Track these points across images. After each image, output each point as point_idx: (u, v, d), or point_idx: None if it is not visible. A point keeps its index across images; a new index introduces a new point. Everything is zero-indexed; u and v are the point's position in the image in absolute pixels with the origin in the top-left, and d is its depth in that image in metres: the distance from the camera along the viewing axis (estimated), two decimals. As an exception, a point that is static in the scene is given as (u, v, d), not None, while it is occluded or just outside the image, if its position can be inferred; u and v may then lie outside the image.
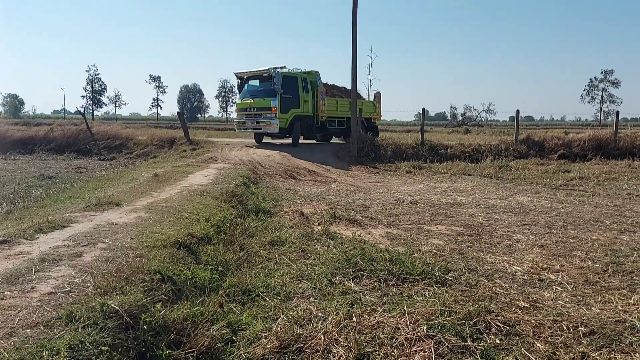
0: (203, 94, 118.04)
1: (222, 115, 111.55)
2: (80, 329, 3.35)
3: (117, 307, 3.67)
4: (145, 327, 3.60)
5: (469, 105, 66.58)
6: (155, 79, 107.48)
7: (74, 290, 4.01)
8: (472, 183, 13.49)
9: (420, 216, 8.82)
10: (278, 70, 19.50)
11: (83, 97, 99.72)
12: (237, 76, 21.06)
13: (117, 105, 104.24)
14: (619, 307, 4.50)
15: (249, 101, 19.97)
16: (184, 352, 3.48)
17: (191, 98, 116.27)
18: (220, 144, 20.26)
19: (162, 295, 4.23)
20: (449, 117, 69.80)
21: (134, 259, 4.85)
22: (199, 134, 26.59)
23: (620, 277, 5.36)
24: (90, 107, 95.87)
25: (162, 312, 3.84)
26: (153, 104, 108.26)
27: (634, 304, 4.55)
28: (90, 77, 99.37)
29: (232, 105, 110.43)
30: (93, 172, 14.99)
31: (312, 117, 20.84)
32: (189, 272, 4.78)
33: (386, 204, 10.07)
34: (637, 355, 3.59)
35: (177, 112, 30.86)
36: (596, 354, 3.59)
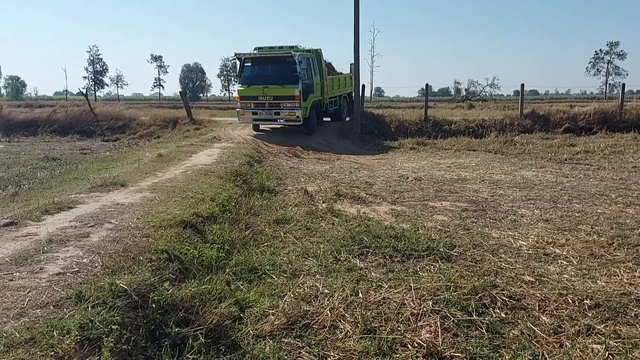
0: (205, 73, 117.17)
1: (225, 94, 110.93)
2: (89, 309, 3.40)
3: (126, 287, 3.71)
4: (154, 305, 3.64)
5: (473, 80, 65.94)
6: (156, 58, 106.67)
7: (83, 271, 4.05)
8: (477, 159, 13.44)
9: (425, 192, 8.81)
10: (297, 52, 16.89)
11: (85, 77, 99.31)
12: (238, 57, 17.46)
13: (119, 85, 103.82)
14: (625, 280, 4.52)
15: (261, 88, 16.73)
16: (192, 329, 3.52)
17: (193, 77, 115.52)
18: (224, 123, 20.21)
19: (170, 274, 4.27)
20: (452, 93, 69.19)
21: (141, 239, 4.89)
22: (201, 113, 26.44)
23: (625, 250, 5.37)
24: (92, 88, 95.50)
25: (170, 290, 3.88)
26: (155, 84, 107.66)
27: (639, 277, 4.56)
28: (91, 58, 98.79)
29: (234, 84, 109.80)
30: (97, 153, 15.01)
31: (321, 101, 18.68)
32: (196, 251, 4.82)
33: (390, 181, 10.06)
34: (642, 327, 3.61)
35: (180, 92, 30.76)
36: (601, 326, 3.61)
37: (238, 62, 17.57)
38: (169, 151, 12.55)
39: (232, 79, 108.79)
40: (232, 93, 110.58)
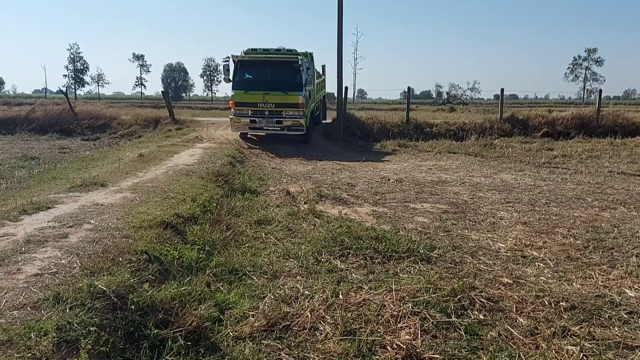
0: (187, 73, 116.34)
1: (207, 94, 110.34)
2: (67, 310, 3.36)
3: (105, 288, 3.67)
4: (133, 307, 3.61)
5: (454, 84, 66.57)
6: (138, 57, 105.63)
7: (61, 272, 4.00)
8: (457, 161, 13.59)
9: (406, 194, 8.88)
10: (296, 55, 15.82)
11: (65, 76, 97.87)
12: (233, 59, 15.83)
13: (100, 84, 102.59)
14: (599, 282, 4.62)
15: (261, 95, 15.47)
16: (172, 331, 3.50)
17: (175, 77, 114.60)
18: (206, 123, 20.11)
19: (150, 276, 4.24)
20: (434, 96, 69.71)
21: (121, 240, 4.84)
22: (184, 113, 26.27)
23: (600, 253, 5.48)
24: (73, 87, 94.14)
25: (150, 292, 3.85)
26: (137, 83, 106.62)
27: (613, 279, 4.66)
28: (71, 56, 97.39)
29: (217, 84, 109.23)
30: (77, 153, 14.80)
31: (313, 107, 18.05)
32: (176, 252, 4.79)
33: (372, 182, 10.12)
34: (616, 328, 3.69)
35: (162, 91, 30.49)
36: (576, 328, 3.68)
37: (232, 65, 15.94)
38: (150, 151, 12.44)
39: (216, 79, 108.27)
40: (215, 93, 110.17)
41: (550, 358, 3.25)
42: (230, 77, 15.81)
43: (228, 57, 15.89)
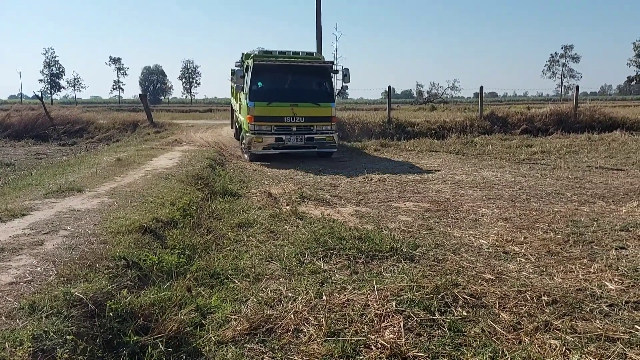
0: (166, 76, 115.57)
1: (186, 96, 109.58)
2: (43, 319, 3.27)
3: (82, 295, 3.58)
4: (111, 314, 3.52)
5: (435, 83, 66.97)
6: (115, 60, 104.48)
7: (36, 280, 3.90)
8: (439, 159, 13.65)
9: (389, 193, 8.88)
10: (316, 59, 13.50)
11: (40, 80, 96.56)
12: (251, 65, 12.99)
13: (76, 88, 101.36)
14: (580, 276, 4.65)
15: (288, 107, 12.95)
16: (152, 337, 3.42)
17: (154, 80, 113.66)
18: (185, 126, 19.95)
19: (128, 282, 4.15)
20: (415, 95, 70.27)
21: (98, 246, 4.74)
22: (162, 116, 26.04)
23: (580, 247, 5.53)
24: (49, 91, 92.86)
25: (129, 298, 3.77)
26: (114, 87, 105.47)
27: (593, 273, 4.70)
28: (47, 60, 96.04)
29: (196, 87, 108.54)
30: (53, 158, 14.55)
31: None
32: (155, 257, 4.70)
33: (354, 182, 10.10)
34: (597, 321, 3.71)
35: (139, 95, 30.17)
36: (558, 321, 3.70)
37: (243, 69, 13.49)
38: (128, 155, 12.27)
39: (194, 81, 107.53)
40: (194, 95, 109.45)
41: (533, 353, 3.25)
42: (246, 84, 13.05)
43: (241, 60, 13.46)
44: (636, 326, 3.61)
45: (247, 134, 12.95)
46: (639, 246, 5.42)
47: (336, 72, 13.48)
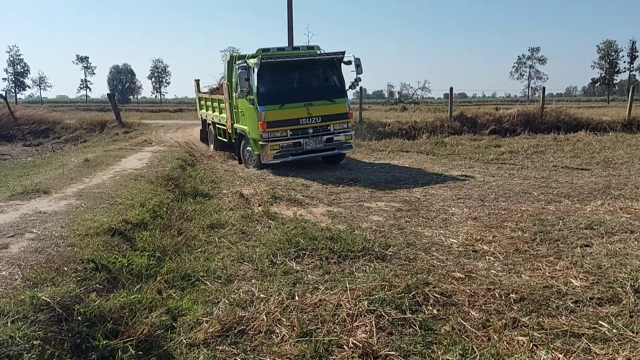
0: (135, 75, 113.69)
1: (156, 96, 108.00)
2: (9, 324, 3.19)
3: (49, 299, 3.51)
4: (79, 318, 3.46)
5: (406, 84, 67.78)
6: (82, 59, 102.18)
7: (1, 284, 3.81)
8: (410, 159, 13.79)
9: (360, 193, 8.93)
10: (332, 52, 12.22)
11: (4, 79, 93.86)
12: (260, 62, 11.26)
13: (42, 87, 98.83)
14: (546, 273, 4.77)
15: (303, 107, 11.58)
16: (122, 341, 3.37)
17: (122, 79, 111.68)
18: (155, 126, 19.67)
19: (97, 285, 4.08)
20: (386, 96, 70.71)
21: (65, 249, 4.64)
22: (131, 116, 25.61)
23: (547, 245, 5.66)
24: (13, 90, 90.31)
25: (97, 301, 3.71)
26: (81, 86, 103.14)
27: (559, 270, 4.82)
28: (11, 59, 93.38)
29: (166, 86, 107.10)
30: (18, 159, 14.16)
31: None
32: (125, 260, 4.63)
33: (326, 182, 10.12)
34: (563, 318, 3.82)
35: (108, 94, 29.62)
36: (526, 318, 3.78)
37: (246, 71, 11.45)
38: (96, 156, 12.04)
39: (164, 80, 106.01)
40: (164, 95, 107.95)
41: (501, 349, 3.32)
42: (253, 87, 11.37)
43: (244, 61, 11.79)
44: (600, 322, 3.72)
45: (260, 143, 11.44)
46: (602, 244, 5.57)
47: (349, 63, 12.17)
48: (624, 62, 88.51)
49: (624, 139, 16.46)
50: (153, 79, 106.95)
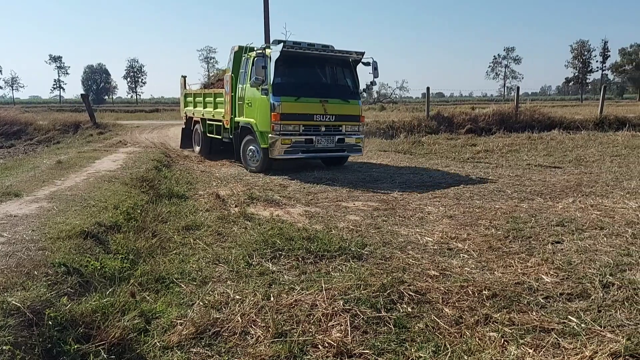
0: (110, 75, 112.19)
1: (132, 96, 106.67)
2: (-23, 330, 3.12)
3: (19, 304, 3.44)
4: (50, 322, 3.40)
5: (384, 83, 68.09)
6: (55, 59, 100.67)
7: (-31, 290, 3.71)
8: (387, 159, 13.89)
9: (338, 193, 8.96)
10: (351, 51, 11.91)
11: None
12: (282, 51, 10.81)
13: (14, 88, 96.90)
14: (518, 270, 4.85)
15: (319, 103, 11.30)
16: (94, 345, 3.32)
17: (97, 79, 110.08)
18: (130, 127, 19.44)
19: (69, 289, 4.01)
20: (364, 95, 71.17)
21: (36, 252, 4.55)
22: (106, 116, 25.28)
23: (519, 242, 5.76)
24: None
25: (69, 305, 3.65)
26: (55, 86, 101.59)
27: (531, 267, 4.91)
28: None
29: (141, 86, 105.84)
30: (-12, 161, 13.83)
31: None
32: (98, 263, 4.56)
33: (304, 182, 10.13)
34: (534, 313, 3.89)
35: (82, 94, 29.13)
36: (498, 314, 3.84)
37: (264, 59, 11.02)
38: (69, 157, 11.83)
39: (140, 80, 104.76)
40: (140, 95, 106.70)
41: (473, 345, 3.37)
42: (269, 76, 10.94)
43: (263, 48, 11.30)
44: (569, 317, 3.79)
45: (270, 136, 11.01)
46: (573, 240, 5.69)
47: (367, 64, 11.89)
48: (597, 61, 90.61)
49: (595, 137, 16.83)
50: (128, 79, 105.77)
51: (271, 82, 10.85)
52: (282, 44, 10.86)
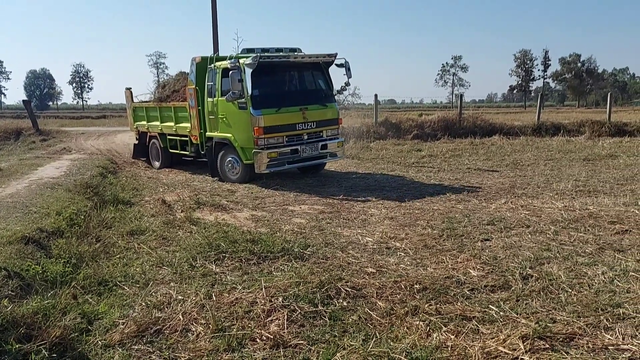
0: (54, 80, 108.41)
1: (78, 102, 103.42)
2: None
3: (-44, 308, 3.46)
4: (-10, 324, 3.44)
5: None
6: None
7: None
8: (336, 163, 14.17)
9: (285, 197, 9.15)
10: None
11: None
12: (258, 61, 10.16)
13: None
14: (449, 265, 5.18)
15: (298, 112, 10.81)
16: (35, 344, 3.39)
17: (40, 84, 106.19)
18: (75, 134, 19.00)
19: (9, 292, 4.05)
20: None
21: (-25, 258, 4.53)
22: (50, 123, 24.54)
23: (452, 240, 6.11)
24: None
25: (10, 307, 3.70)
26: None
27: (460, 262, 5.25)
28: None
29: (88, 92, 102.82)
30: None
31: None
32: (39, 267, 4.60)
33: (252, 187, 10.25)
34: (459, 304, 4.20)
35: (24, 101, 28.15)
36: (426, 305, 4.14)
37: (238, 71, 10.25)
38: (10, 165, 11.54)
39: (87, 85, 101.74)
40: (87, 101, 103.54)
41: (400, 333, 3.64)
42: (246, 89, 10.33)
43: (235, 60, 10.47)
44: (490, 306, 4.13)
45: (255, 151, 10.44)
46: (501, 237, 6.10)
47: (341, 65, 11.61)
48: (539, 70, 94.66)
49: (533, 142, 17.69)
50: (74, 84, 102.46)
51: (249, 96, 10.35)
52: (254, 54, 10.34)
